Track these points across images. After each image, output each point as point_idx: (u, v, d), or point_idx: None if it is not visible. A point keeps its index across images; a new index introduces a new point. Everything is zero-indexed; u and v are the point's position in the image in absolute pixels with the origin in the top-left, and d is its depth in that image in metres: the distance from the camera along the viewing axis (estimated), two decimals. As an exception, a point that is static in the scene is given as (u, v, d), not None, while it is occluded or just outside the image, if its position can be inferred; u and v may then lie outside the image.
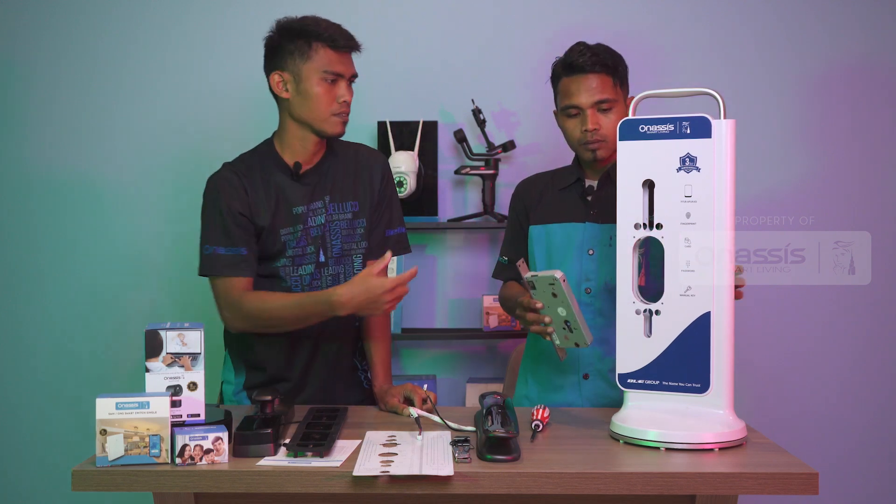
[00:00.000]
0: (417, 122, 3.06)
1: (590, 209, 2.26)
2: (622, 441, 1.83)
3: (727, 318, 1.81)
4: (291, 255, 2.21)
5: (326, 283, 2.24)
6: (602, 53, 2.21)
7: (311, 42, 2.16)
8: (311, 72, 2.16)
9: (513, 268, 2.38)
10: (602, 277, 2.22)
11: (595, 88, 2.19)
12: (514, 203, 2.41)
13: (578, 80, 2.20)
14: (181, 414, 1.74)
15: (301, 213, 2.21)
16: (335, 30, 2.19)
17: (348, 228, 2.26)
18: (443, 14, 3.15)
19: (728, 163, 1.80)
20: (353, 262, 2.27)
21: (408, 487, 1.64)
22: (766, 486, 1.63)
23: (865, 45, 3.12)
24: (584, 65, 2.19)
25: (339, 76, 2.18)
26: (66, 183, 3.16)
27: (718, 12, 3.13)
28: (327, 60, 2.16)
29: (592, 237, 2.24)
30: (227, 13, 3.14)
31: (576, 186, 2.30)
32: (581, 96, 2.19)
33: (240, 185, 2.18)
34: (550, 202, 2.32)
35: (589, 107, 2.19)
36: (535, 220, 2.33)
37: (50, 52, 3.14)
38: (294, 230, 2.21)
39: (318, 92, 2.16)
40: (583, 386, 2.24)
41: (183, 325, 1.77)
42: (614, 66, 2.22)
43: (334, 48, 2.17)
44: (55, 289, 3.18)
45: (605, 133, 2.19)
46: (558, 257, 2.27)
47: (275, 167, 2.23)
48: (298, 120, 2.20)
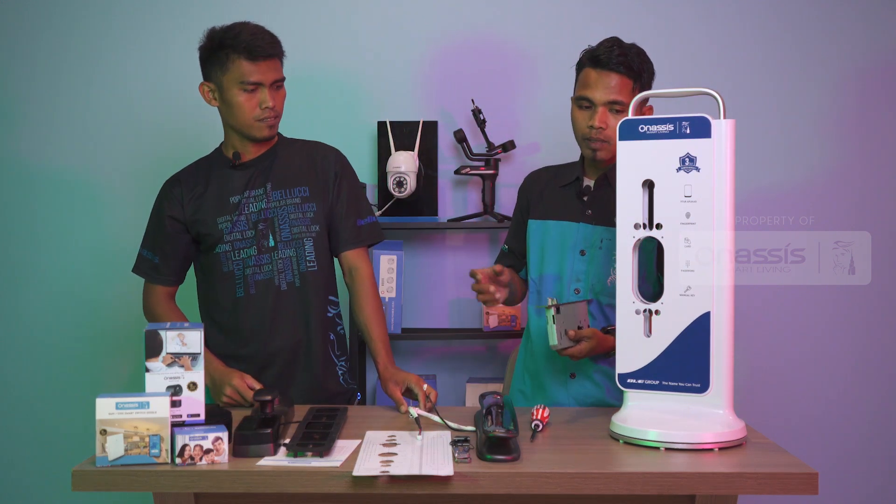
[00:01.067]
0: (417, 122, 3.06)
1: (585, 209, 2.26)
2: (622, 441, 1.83)
3: (727, 318, 1.81)
4: (230, 241, 2.30)
5: (279, 266, 2.30)
6: (631, 55, 2.17)
7: (227, 53, 2.23)
8: (229, 82, 2.24)
9: (511, 256, 2.42)
10: (590, 279, 2.22)
11: (612, 87, 2.16)
12: (519, 195, 2.43)
13: (599, 74, 2.17)
14: (181, 414, 1.74)
15: (237, 201, 2.31)
16: (254, 39, 2.22)
17: (297, 213, 2.32)
18: (443, 14, 3.15)
19: (728, 163, 1.80)
20: (304, 245, 2.31)
21: (408, 487, 1.64)
22: (765, 486, 1.63)
23: (865, 45, 3.12)
24: (608, 61, 2.15)
25: (257, 84, 2.23)
26: (66, 183, 3.17)
27: (719, 12, 3.13)
28: (244, 71, 2.22)
29: (585, 238, 2.24)
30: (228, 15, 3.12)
31: (575, 185, 2.30)
32: (597, 91, 2.17)
33: (178, 192, 2.33)
34: (550, 198, 2.33)
35: (602, 104, 2.16)
36: (535, 215, 2.34)
37: (50, 52, 3.14)
38: (231, 217, 2.29)
39: (240, 101, 2.24)
40: (569, 385, 2.25)
41: (183, 325, 1.78)
42: (639, 71, 2.18)
43: (250, 58, 2.21)
44: (55, 288, 3.18)
45: (609, 134, 2.17)
46: (549, 254, 2.27)
47: (217, 163, 2.36)
48: (230, 126, 2.31)
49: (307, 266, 2.31)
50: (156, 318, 2.34)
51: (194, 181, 2.34)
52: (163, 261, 2.35)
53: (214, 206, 2.31)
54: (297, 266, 2.31)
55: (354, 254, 2.37)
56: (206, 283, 2.36)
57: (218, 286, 2.32)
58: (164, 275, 2.35)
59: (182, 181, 2.35)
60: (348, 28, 3.14)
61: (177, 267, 2.37)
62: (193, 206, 2.32)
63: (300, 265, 2.31)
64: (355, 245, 2.37)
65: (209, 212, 2.30)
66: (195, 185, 2.34)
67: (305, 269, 2.31)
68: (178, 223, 2.33)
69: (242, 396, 2.14)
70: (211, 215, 2.30)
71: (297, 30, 2.30)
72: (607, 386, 2.22)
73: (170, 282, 2.37)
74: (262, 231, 2.29)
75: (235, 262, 2.30)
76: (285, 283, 2.30)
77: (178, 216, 2.32)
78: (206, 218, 2.30)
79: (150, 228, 2.38)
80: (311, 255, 2.31)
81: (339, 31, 3.14)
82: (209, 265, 2.33)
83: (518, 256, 2.40)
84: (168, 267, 2.35)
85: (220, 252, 2.30)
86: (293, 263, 2.30)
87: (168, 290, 2.38)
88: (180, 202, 2.32)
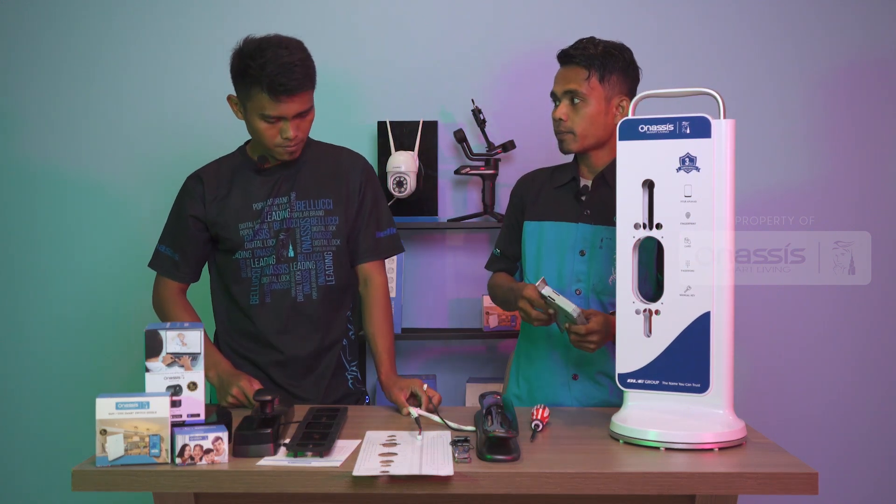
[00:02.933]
0: (417, 122, 3.06)
1: (583, 209, 2.26)
2: (622, 441, 1.83)
3: (727, 318, 1.81)
4: (251, 248, 2.27)
5: (297, 278, 2.27)
6: (592, 47, 2.20)
7: (250, 83, 2.15)
8: (251, 110, 2.19)
9: (503, 260, 2.40)
10: (591, 279, 2.22)
11: (567, 78, 2.22)
12: (513, 197, 2.42)
13: (560, 69, 2.26)
14: (181, 414, 1.74)
15: (261, 208, 2.27)
16: (278, 74, 2.11)
17: (319, 225, 2.29)
18: (443, 14, 3.15)
19: (728, 163, 1.80)
20: (325, 258, 2.29)
21: (408, 487, 1.64)
22: (765, 486, 1.63)
23: (866, 45, 3.11)
24: (566, 55, 2.23)
25: (279, 118, 2.17)
26: (66, 182, 3.16)
27: (719, 12, 3.13)
28: (265, 104, 2.15)
29: (584, 238, 2.24)
30: (228, 14, 3.14)
31: (571, 185, 2.31)
32: (557, 84, 2.25)
33: (200, 190, 2.29)
34: (546, 199, 2.32)
35: (561, 95, 2.23)
36: (531, 217, 2.33)
37: (50, 52, 3.14)
38: (253, 224, 2.26)
39: (261, 128, 2.20)
40: (572, 386, 2.25)
41: (183, 325, 1.78)
42: (602, 62, 2.19)
43: (271, 96, 2.13)
44: (55, 288, 3.18)
45: (570, 125, 2.21)
46: (548, 255, 2.27)
47: (242, 166, 2.32)
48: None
49: (326, 280, 2.28)
50: (168, 315, 2.31)
51: (217, 182, 2.30)
52: (183, 258, 2.31)
53: (237, 212, 2.27)
54: (316, 279, 2.28)
55: (369, 266, 2.35)
56: (221, 283, 2.33)
57: (233, 288, 2.29)
58: (184, 272, 2.32)
59: (205, 180, 2.30)
60: (348, 28, 3.14)
61: (196, 265, 2.34)
62: (216, 207, 2.28)
63: (318, 279, 2.28)
64: (373, 258, 2.35)
65: (231, 217, 2.26)
66: (218, 185, 2.29)
67: (324, 283, 2.28)
68: (200, 222, 2.29)
69: (248, 398, 2.10)
70: (233, 221, 2.26)
71: (297, 30, 2.28)
72: (611, 386, 2.21)
73: (188, 279, 2.34)
74: (282, 241, 2.26)
75: (254, 269, 2.27)
76: (302, 295, 2.27)
77: (200, 215, 2.28)
78: (228, 223, 2.26)
79: (171, 225, 2.34)
80: (331, 269, 2.29)
81: (339, 30, 3.14)
82: (226, 267, 2.30)
83: (511, 260, 2.39)
84: (188, 265, 2.32)
85: (240, 258, 2.27)
86: (312, 276, 2.28)
87: (182, 286, 2.34)
88: (202, 201, 2.28)
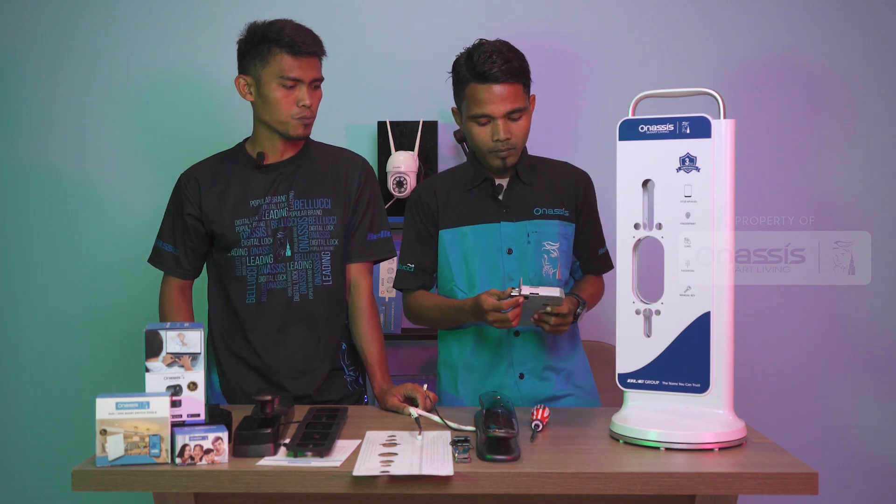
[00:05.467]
0: (417, 122, 3.06)
1: (502, 208, 2.26)
2: (622, 441, 1.83)
3: (727, 318, 1.81)
4: (247, 246, 2.27)
5: (293, 277, 2.27)
6: (512, 60, 2.17)
7: (269, 47, 2.20)
8: (269, 76, 2.21)
9: (420, 275, 2.30)
10: (526, 275, 2.22)
11: (508, 98, 2.16)
12: (416, 208, 2.32)
13: (490, 88, 2.16)
14: (181, 414, 1.74)
15: (258, 205, 2.27)
16: (297, 34, 2.21)
17: (317, 225, 2.29)
18: (443, 14, 3.14)
19: (728, 163, 1.80)
20: (321, 258, 2.29)
21: (408, 487, 1.64)
22: (765, 486, 1.63)
23: (866, 45, 3.11)
24: (497, 75, 2.15)
25: (297, 81, 2.21)
26: (66, 182, 3.16)
27: (719, 12, 3.13)
28: (285, 66, 2.20)
29: (509, 236, 2.24)
30: (228, 15, 3.13)
31: (484, 187, 2.28)
32: (493, 106, 2.16)
33: (195, 188, 2.30)
34: (458, 204, 2.29)
35: (501, 117, 2.17)
36: (446, 224, 2.28)
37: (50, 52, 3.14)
38: (249, 221, 2.26)
39: (277, 96, 2.21)
40: (520, 385, 2.25)
41: (183, 325, 1.78)
42: (524, 73, 2.20)
43: (292, 54, 2.19)
44: (55, 288, 3.18)
45: (515, 141, 2.20)
46: (475, 260, 2.25)
47: (240, 162, 2.32)
48: (263, 122, 2.27)
49: (322, 280, 2.28)
50: (164, 316, 2.33)
51: (213, 178, 2.30)
52: (183, 253, 2.32)
53: (233, 208, 2.27)
54: (312, 279, 2.28)
55: (357, 267, 2.34)
56: (218, 282, 2.33)
57: (229, 287, 2.29)
58: (185, 268, 2.33)
59: (199, 177, 2.31)
60: (348, 28, 3.14)
61: (197, 260, 2.34)
62: (211, 204, 2.28)
63: (315, 278, 2.28)
64: (360, 259, 2.34)
65: (227, 213, 2.27)
66: (214, 182, 2.30)
67: (320, 283, 2.28)
68: (196, 220, 2.30)
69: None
70: (228, 217, 2.27)
71: (297, 30, 2.30)
72: (556, 379, 2.26)
73: (189, 275, 2.35)
74: (280, 240, 2.26)
75: (250, 267, 2.27)
76: (298, 294, 2.27)
77: (195, 213, 2.29)
78: (223, 219, 2.27)
79: (169, 222, 2.34)
80: (328, 269, 2.29)
81: (339, 31, 3.13)
82: (222, 264, 2.31)
83: (428, 272, 2.31)
84: (188, 260, 2.33)
85: (236, 256, 2.27)
86: (308, 276, 2.27)
87: (184, 283, 2.35)
88: (197, 199, 2.29)
